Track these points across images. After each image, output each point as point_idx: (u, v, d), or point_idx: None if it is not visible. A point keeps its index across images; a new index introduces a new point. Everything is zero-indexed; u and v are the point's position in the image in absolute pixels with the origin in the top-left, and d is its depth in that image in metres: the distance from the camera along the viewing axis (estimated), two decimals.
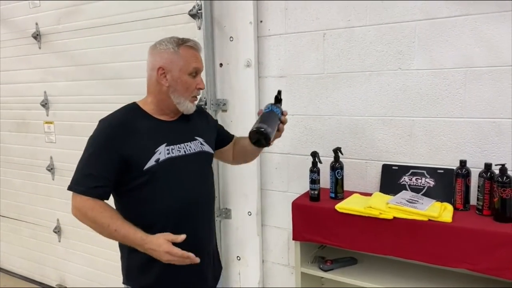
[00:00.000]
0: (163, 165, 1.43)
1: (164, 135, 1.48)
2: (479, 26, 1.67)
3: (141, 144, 1.43)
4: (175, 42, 1.49)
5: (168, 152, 1.46)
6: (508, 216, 1.54)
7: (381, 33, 1.88)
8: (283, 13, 2.12)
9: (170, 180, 1.45)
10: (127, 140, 1.41)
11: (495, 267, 1.46)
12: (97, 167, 1.39)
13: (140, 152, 1.42)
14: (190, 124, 1.59)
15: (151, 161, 1.41)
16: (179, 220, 1.46)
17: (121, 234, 1.36)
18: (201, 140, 1.59)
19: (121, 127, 1.44)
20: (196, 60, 1.50)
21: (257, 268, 2.38)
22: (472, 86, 1.71)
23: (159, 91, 1.50)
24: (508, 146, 1.67)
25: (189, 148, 1.53)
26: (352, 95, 1.98)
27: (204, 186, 1.59)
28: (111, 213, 1.38)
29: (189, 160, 1.51)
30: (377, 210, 1.66)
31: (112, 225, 1.35)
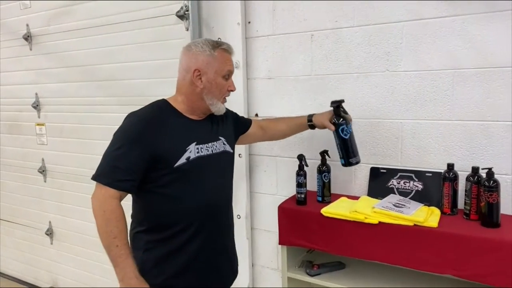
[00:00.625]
0: (193, 164, 1.46)
1: (194, 133, 1.51)
2: (467, 27, 1.64)
3: (172, 141, 1.45)
4: (210, 45, 1.51)
5: (198, 151, 1.49)
6: (495, 221, 1.50)
7: (368, 34, 1.85)
8: (270, 14, 2.10)
9: (199, 178, 1.49)
10: (159, 136, 1.42)
11: (480, 274, 1.43)
12: (127, 161, 1.38)
13: (171, 149, 1.44)
14: (214, 124, 1.62)
15: (182, 159, 1.44)
16: (204, 217, 1.50)
17: (118, 252, 1.35)
18: (223, 140, 1.62)
19: (153, 123, 1.44)
20: (230, 63, 1.55)
21: (246, 272, 2.35)
22: (460, 88, 1.68)
23: (192, 92, 1.52)
24: (496, 149, 1.64)
25: (215, 147, 1.56)
26: (340, 97, 1.95)
27: (227, 185, 1.64)
28: (124, 228, 1.39)
29: (216, 159, 1.55)
30: (362, 214, 1.63)
31: (118, 240, 1.35)
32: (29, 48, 3.10)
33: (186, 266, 1.49)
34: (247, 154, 2.26)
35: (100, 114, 2.82)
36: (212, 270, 1.56)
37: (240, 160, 2.25)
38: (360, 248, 1.66)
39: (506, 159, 1.63)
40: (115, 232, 1.36)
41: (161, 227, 1.48)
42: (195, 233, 1.49)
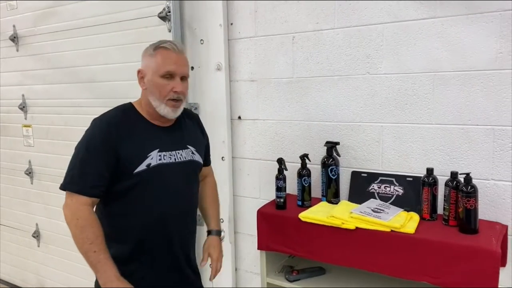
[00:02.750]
0: (153, 171, 1.43)
1: (158, 140, 1.48)
2: (446, 29, 1.62)
3: (135, 146, 1.42)
4: (154, 46, 1.48)
5: (160, 158, 1.45)
6: (473, 228, 1.48)
7: (349, 36, 1.82)
8: (253, 16, 2.07)
9: (159, 186, 1.45)
10: (122, 141, 1.40)
11: (457, 281, 1.40)
12: (94, 166, 1.37)
13: (132, 155, 1.41)
14: (184, 132, 1.58)
15: (142, 165, 1.41)
16: (164, 225, 1.48)
17: (96, 257, 1.34)
18: (192, 149, 1.58)
19: (116, 127, 1.42)
20: (170, 63, 1.45)
21: (229, 276, 2.32)
22: (440, 91, 1.66)
23: (143, 94, 1.51)
24: (476, 153, 1.61)
25: (180, 156, 1.52)
26: (322, 100, 1.93)
27: (190, 194, 1.59)
28: (99, 231, 1.37)
29: (179, 168, 1.50)
30: (339, 219, 1.60)
31: (95, 245, 1.34)
32: (16, 49, 3.08)
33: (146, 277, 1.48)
34: (230, 157, 2.24)
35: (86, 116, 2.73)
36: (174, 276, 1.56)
37: (223, 163, 2.23)
38: (337, 254, 1.63)
39: (486, 164, 1.60)
40: (91, 238, 1.35)
41: (121, 233, 1.46)
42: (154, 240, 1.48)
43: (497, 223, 1.58)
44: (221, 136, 2.21)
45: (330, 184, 1.83)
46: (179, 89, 1.46)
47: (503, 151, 1.57)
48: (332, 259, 1.66)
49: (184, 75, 1.50)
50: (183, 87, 1.48)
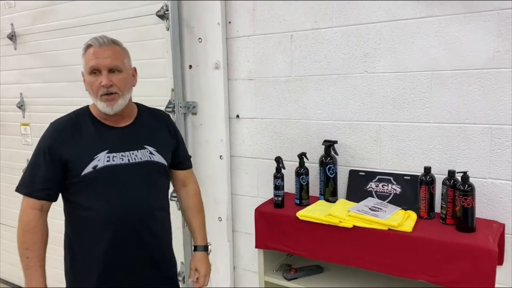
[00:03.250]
0: (100, 172, 1.41)
1: (108, 141, 1.45)
2: (444, 28, 1.62)
3: (81, 149, 1.42)
4: (85, 45, 1.47)
5: (108, 159, 1.43)
6: (470, 226, 1.48)
7: (347, 34, 1.82)
8: (251, 14, 2.07)
9: (107, 187, 1.42)
10: (68, 144, 1.41)
11: (454, 280, 1.40)
12: (42, 170, 1.40)
13: (79, 158, 1.41)
14: (142, 132, 1.54)
15: (88, 167, 1.40)
16: (118, 229, 1.43)
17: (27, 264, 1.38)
18: (151, 149, 1.52)
19: (64, 131, 1.43)
20: (92, 58, 1.42)
21: (228, 275, 2.33)
22: (437, 90, 1.66)
23: None
24: (474, 152, 1.62)
25: (135, 156, 1.48)
26: (320, 99, 1.93)
27: (149, 196, 1.51)
28: (38, 238, 1.40)
29: (133, 169, 1.46)
30: (337, 218, 1.60)
31: (30, 251, 1.38)
32: (14, 47, 3.07)
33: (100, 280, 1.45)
34: (228, 156, 2.24)
35: None
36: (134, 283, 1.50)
37: (221, 161, 2.23)
38: (335, 252, 1.63)
39: (483, 163, 1.60)
40: (28, 243, 1.38)
41: (78, 235, 1.46)
42: (110, 244, 1.43)
43: (494, 221, 1.58)
44: (219, 135, 2.21)
45: (328, 183, 1.83)
46: (104, 82, 1.40)
47: (500, 149, 1.57)
48: (330, 258, 1.67)
49: (111, 67, 1.42)
50: (109, 79, 1.41)
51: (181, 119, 2.25)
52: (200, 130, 2.28)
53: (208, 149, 2.26)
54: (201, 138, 2.28)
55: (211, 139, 2.25)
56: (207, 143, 2.26)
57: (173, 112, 2.24)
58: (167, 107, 2.25)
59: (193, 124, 2.29)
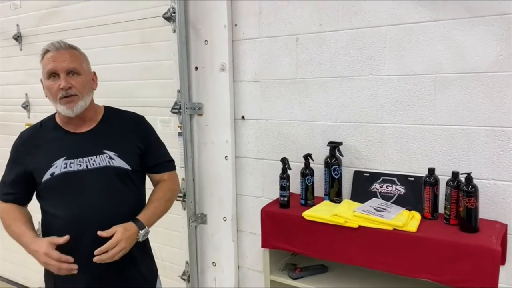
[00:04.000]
0: (57, 179, 1.44)
1: (66, 148, 1.48)
2: (448, 32, 1.65)
3: (41, 157, 1.48)
4: (42, 50, 1.49)
5: (65, 166, 1.45)
6: (474, 226, 1.51)
7: (352, 38, 1.85)
8: (257, 17, 2.10)
9: (64, 194, 1.45)
10: (31, 153, 1.49)
11: (458, 279, 1.43)
12: (9, 174, 1.53)
13: (39, 165, 1.47)
14: (103, 136, 1.52)
15: (47, 174, 1.45)
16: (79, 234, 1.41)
17: (16, 233, 1.45)
18: (111, 153, 1.49)
19: (27, 140, 1.53)
20: (50, 62, 1.43)
21: (232, 274, 2.35)
22: (441, 92, 1.69)
23: None
24: (477, 154, 1.65)
25: (93, 162, 1.47)
26: (325, 101, 1.96)
27: (109, 203, 1.47)
28: (15, 214, 1.48)
29: (89, 175, 1.45)
30: (342, 218, 1.63)
31: (13, 226, 1.46)
32: (19, 48, 3.09)
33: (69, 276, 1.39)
34: (233, 157, 2.26)
35: None
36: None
37: (226, 162, 2.26)
38: (340, 252, 1.66)
39: (486, 164, 1.63)
40: (9, 222, 1.47)
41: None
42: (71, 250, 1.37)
43: (497, 222, 1.61)
44: (224, 136, 2.24)
45: (333, 184, 1.86)
46: (63, 84, 1.41)
47: (503, 151, 1.60)
48: (335, 257, 1.69)
49: (70, 69, 1.43)
50: (67, 81, 1.42)
51: (187, 120, 2.27)
52: (206, 131, 2.30)
53: (213, 150, 2.29)
54: (207, 139, 2.30)
55: (216, 140, 2.27)
56: (212, 144, 2.29)
57: (179, 113, 2.27)
58: (173, 108, 2.29)
59: (199, 125, 2.32)
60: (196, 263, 2.41)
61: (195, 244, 2.39)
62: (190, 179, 2.33)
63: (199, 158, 2.35)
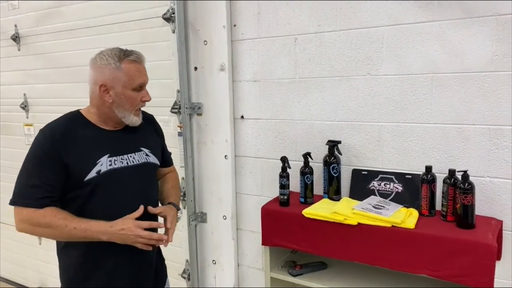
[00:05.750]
0: (104, 177, 1.42)
1: (107, 145, 1.46)
2: (444, 32, 1.68)
3: (82, 154, 1.40)
4: (116, 56, 1.43)
5: (110, 163, 1.44)
6: (470, 223, 1.54)
7: (350, 38, 1.88)
8: (256, 18, 2.12)
9: (111, 192, 1.44)
10: (68, 150, 1.38)
11: (455, 274, 1.47)
12: (42, 177, 1.36)
13: (81, 163, 1.40)
14: (136, 134, 1.56)
15: (92, 173, 1.40)
16: None
17: (81, 228, 1.35)
18: (146, 151, 1.56)
19: (62, 136, 1.40)
20: (140, 75, 1.46)
21: (232, 272, 2.38)
22: (438, 92, 1.72)
23: (102, 105, 1.46)
24: (473, 152, 1.68)
25: (133, 159, 1.50)
26: (323, 100, 1.99)
27: (146, 197, 1.54)
28: (64, 214, 1.37)
29: (132, 172, 1.49)
30: (342, 215, 1.66)
31: (69, 224, 1.35)
32: (18, 48, 3.10)
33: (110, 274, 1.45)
34: (233, 156, 2.29)
35: None
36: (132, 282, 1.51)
37: (226, 161, 2.28)
38: (340, 249, 1.69)
39: (482, 162, 1.67)
40: (62, 222, 1.35)
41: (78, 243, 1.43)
42: (111, 249, 1.42)
43: (492, 218, 1.65)
44: (224, 135, 2.26)
45: (331, 182, 1.89)
46: (149, 98, 1.50)
47: (498, 149, 1.64)
48: (334, 254, 1.72)
49: None
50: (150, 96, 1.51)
51: (186, 120, 2.29)
52: (206, 131, 2.33)
53: (213, 149, 2.31)
54: (207, 138, 2.33)
55: (216, 139, 2.30)
56: (212, 144, 2.31)
57: (178, 113, 2.30)
58: (172, 108, 2.31)
59: (199, 124, 2.34)
60: (196, 261, 2.44)
61: (195, 242, 2.41)
62: (190, 178, 2.35)
63: (198, 158, 2.37)
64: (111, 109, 1.46)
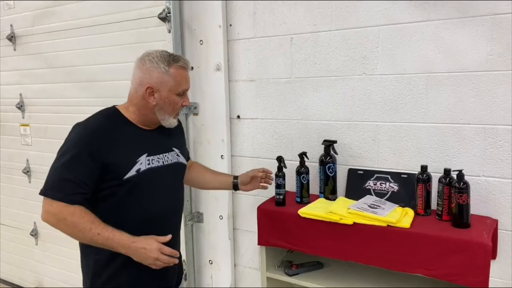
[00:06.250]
0: (143, 176, 1.44)
1: (145, 144, 1.49)
2: (440, 32, 1.68)
3: (123, 152, 1.42)
4: (166, 61, 1.44)
5: (149, 162, 1.47)
6: (465, 222, 1.54)
7: (346, 38, 1.88)
8: (251, 17, 2.12)
9: (149, 190, 1.47)
10: (108, 147, 1.39)
11: (450, 273, 1.47)
12: (77, 172, 1.35)
13: (121, 161, 1.41)
14: (168, 135, 1.59)
15: (132, 171, 1.41)
16: (153, 229, 1.45)
17: (104, 236, 1.34)
18: (177, 151, 1.61)
19: (101, 133, 1.41)
20: (186, 81, 1.51)
21: (229, 272, 2.38)
22: (433, 91, 1.72)
23: (143, 106, 1.48)
24: (468, 151, 1.68)
25: (167, 159, 1.55)
26: (319, 100, 1.99)
27: (177, 197, 1.62)
28: (91, 217, 1.36)
29: (167, 171, 1.53)
30: (337, 215, 1.66)
31: (94, 229, 1.34)
32: (13, 48, 3.09)
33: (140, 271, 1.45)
34: (229, 156, 2.28)
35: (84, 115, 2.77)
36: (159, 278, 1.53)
37: (222, 161, 2.28)
38: (335, 248, 1.69)
39: (477, 161, 1.67)
40: (87, 225, 1.34)
41: None
42: None
43: (487, 217, 1.65)
44: (220, 135, 2.26)
45: (327, 181, 1.89)
46: (189, 103, 1.59)
47: (493, 148, 1.64)
48: (330, 254, 1.72)
49: None
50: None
51: (183, 119, 2.29)
52: (202, 131, 2.32)
53: (209, 149, 2.31)
54: (203, 138, 2.32)
55: (212, 139, 2.29)
56: (208, 143, 2.31)
57: None
58: None
59: (195, 124, 2.34)
60: (193, 261, 2.43)
61: (191, 242, 2.41)
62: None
63: (195, 157, 2.37)
64: (153, 111, 1.48)
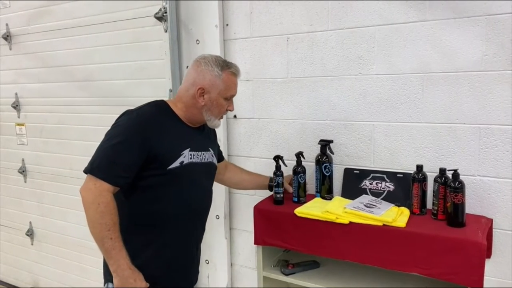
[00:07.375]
0: (185, 169, 1.51)
1: (189, 140, 1.57)
2: (435, 32, 1.69)
3: (169, 144, 1.49)
4: (220, 65, 1.55)
5: (191, 157, 1.55)
6: (460, 221, 1.55)
7: (342, 38, 1.88)
8: (248, 17, 2.12)
9: (188, 183, 1.55)
10: (157, 136, 1.46)
11: (446, 272, 1.48)
12: (125, 157, 1.40)
13: (168, 151, 1.48)
14: (205, 135, 1.70)
15: (176, 163, 1.49)
16: (187, 221, 1.57)
17: (111, 245, 1.37)
18: (212, 152, 1.69)
19: (152, 122, 1.48)
20: (235, 87, 1.61)
21: (225, 271, 2.38)
22: (429, 91, 1.73)
23: (192, 105, 1.56)
24: (463, 151, 1.69)
25: (204, 157, 1.62)
26: (315, 99, 1.99)
27: (209, 195, 1.72)
28: (116, 218, 1.39)
29: (204, 168, 1.62)
30: (334, 214, 1.66)
31: (112, 232, 1.37)
32: (9, 47, 3.08)
33: (169, 264, 1.55)
34: (226, 155, 2.28)
35: (80, 114, 2.82)
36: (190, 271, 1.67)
37: None
38: (332, 248, 1.69)
39: (472, 161, 1.68)
40: (110, 224, 1.37)
41: (143, 227, 1.50)
42: (177, 235, 1.56)
43: (482, 216, 1.66)
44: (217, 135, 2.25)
45: (324, 181, 1.90)
46: (233, 108, 1.67)
47: (488, 148, 1.65)
48: (326, 253, 1.73)
49: None
50: None
51: None
52: None
53: None
54: None
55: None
56: None
57: None
58: None
59: None
60: None
61: None
62: None
63: None
64: (200, 111, 1.57)
